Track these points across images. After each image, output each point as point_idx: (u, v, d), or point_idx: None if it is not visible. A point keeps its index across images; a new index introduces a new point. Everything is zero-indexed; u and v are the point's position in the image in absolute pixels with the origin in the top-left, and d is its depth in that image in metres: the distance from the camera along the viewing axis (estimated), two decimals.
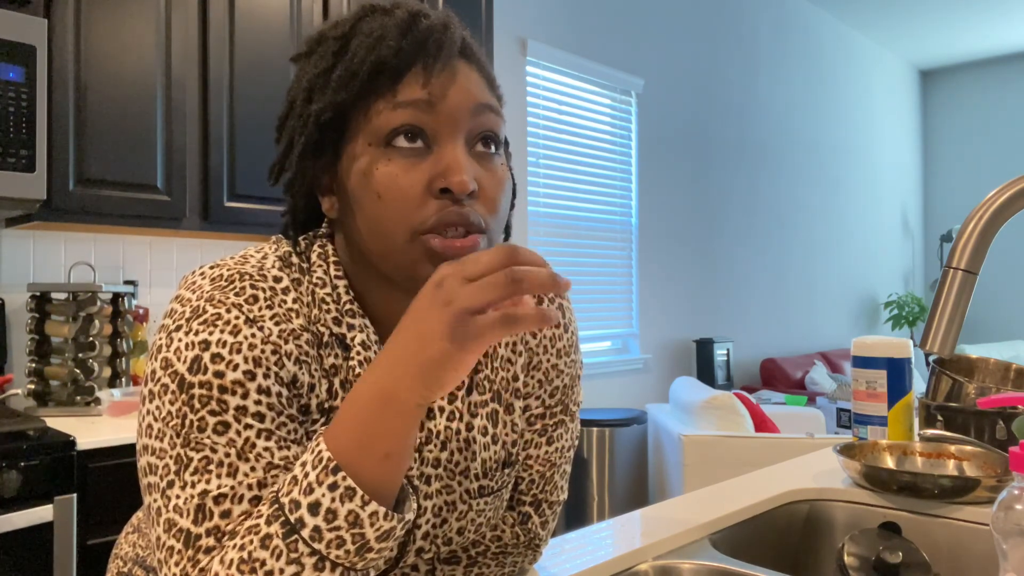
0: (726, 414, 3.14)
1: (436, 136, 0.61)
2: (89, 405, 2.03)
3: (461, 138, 0.61)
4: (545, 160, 3.81)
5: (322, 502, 0.52)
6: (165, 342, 0.61)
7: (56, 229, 2.20)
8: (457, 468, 0.71)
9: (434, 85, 0.61)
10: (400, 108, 0.60)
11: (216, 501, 0.56)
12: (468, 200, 0.60)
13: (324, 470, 0.53)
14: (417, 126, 0.60)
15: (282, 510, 0.53)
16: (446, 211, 0.59)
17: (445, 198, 0.60)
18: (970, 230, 0.80)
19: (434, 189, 0.60)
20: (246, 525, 0.55)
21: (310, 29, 2.45)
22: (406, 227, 0.60)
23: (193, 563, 0.55)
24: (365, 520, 0.53)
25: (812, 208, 6.01)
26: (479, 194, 0.61)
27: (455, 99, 0.61)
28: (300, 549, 0.52)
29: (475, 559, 0.77)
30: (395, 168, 0.60)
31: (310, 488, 0.53)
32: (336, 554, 0.52)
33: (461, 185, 0.59)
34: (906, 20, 6.36)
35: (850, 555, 0.96)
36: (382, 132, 0.61)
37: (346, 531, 0.52)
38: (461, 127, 0.61)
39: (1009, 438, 1.19)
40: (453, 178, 0.59)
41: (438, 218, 0.59)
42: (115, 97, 2.05)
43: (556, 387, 0.78)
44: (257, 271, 0.64)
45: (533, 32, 3.73)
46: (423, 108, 0.60)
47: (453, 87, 0.61)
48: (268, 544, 0.52)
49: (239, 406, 0.59)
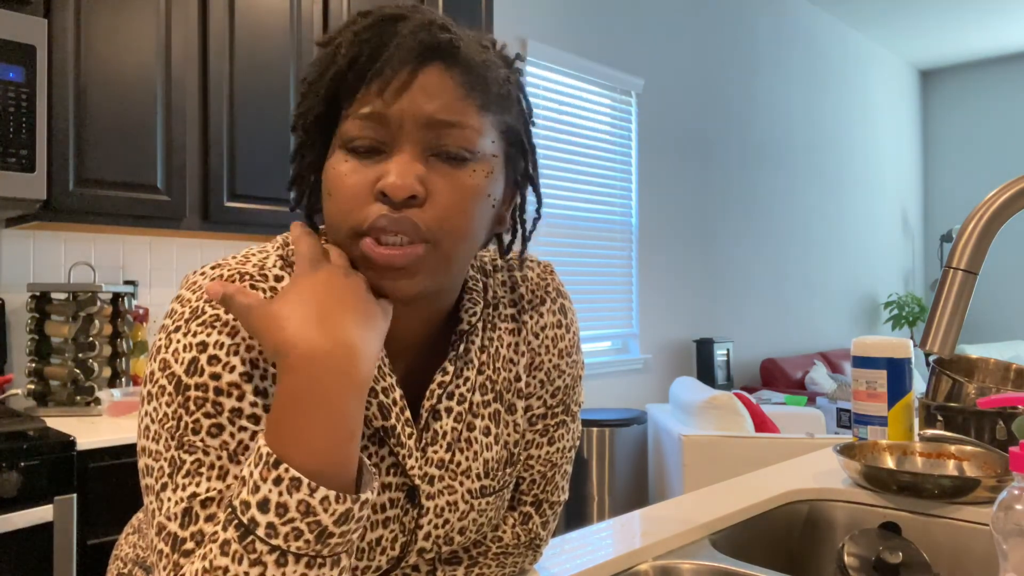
0: (726, 414, 3.14)
1: (389, 144, 0.61)
2: (89, 405, 2.03)
3: (415, 146, 0.61)
4: (545, 160, 3.81)
5: (270, 497, 0.52)
6: (164, 343, 0.61)
7: (56, 229, 2.20)
8: (459, 468, 0.71)
9: (387, 97, 0.60)
10: (355, 119, 0.61)
11: (203, 504, 0.56)
12: (411, 206, 0.60)
13: (265, 466, 0.53)
14: (374, 136, 0.61)
15: (235, 513, 0.53)
16: (379, 216, 0.60)
17: (385, 202, 0.60)
18: (970, 230, 0.80)
19: (376, 192, 0.60)
20: (208, 532, 0.55)
21: (310, 29, 2.45)
22: (348, 226, 0.61)
23: (176, 568, 0.55)
24: (317, 507, 0.53)
25: (812, 208, 6.01)
26: (429, 201, 0.60)
27: (405, 111, 0.60)
28: (258, 548, 0.52)
29: (476, 559, 0.77)
30: (346, 169, 0.61)
31: (256, 487, 0.53)
32: (296, 545, 0.53)
33: (394, 189, 0.59)
34: (906, 20, 6.36)
35: (850, 555, 0.96)
36: (344, 137, 0.62)
37: (300, 521, 0.52)
38: (413, 137, 0.61)
39: (1009, 438, 1.19)
40: (388, 182, 0.59)
41: (372, 223, 0.60)
42: (115, 97, 2.05)
43: (558, 387, 0.78)
44: (258, 271, 0.64)
45: (533, 32, 3.73)
46: (375, 119, 0.60)
47: (405, 98, 0.60)
48: (227, 550, 0.52)
49: (234, 408, 0.59)
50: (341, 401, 0.55)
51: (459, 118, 0.61)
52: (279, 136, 2.38)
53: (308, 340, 0.55)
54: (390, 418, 0.66)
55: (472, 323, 0.72)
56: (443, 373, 0.70)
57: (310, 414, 0.54)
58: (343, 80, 0.62)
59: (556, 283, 0.79)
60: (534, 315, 0.77)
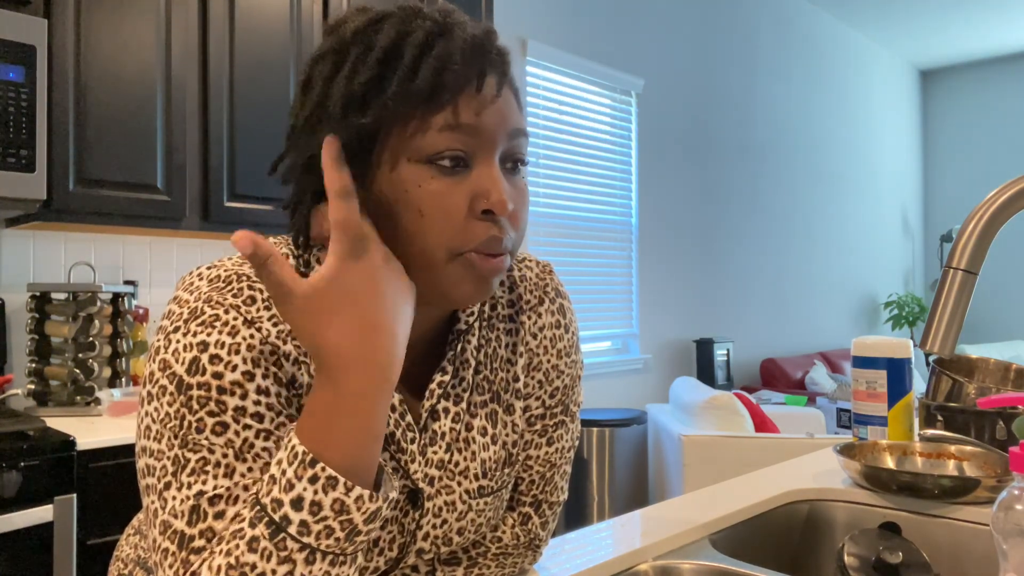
0: (726, 414, 3.14)
1: (475, 157, 0.61)
2: (89, 405, 2.03)
3: (496, 159, 0.62)
4: (545, 160, 3.81)
5: (304, 496, 0.53)
6: (163, 344, 0.61)
7: (56, 229, 2.20)
8: (457, 468, 0.71)
9: (482, 109, 0.61)
10: (448, 130, 0.59)
11: (211, 502, 0.56)
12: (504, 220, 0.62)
13: (301, 464, 0.53)
14: (463, 148, 0.60)
15: (264, 511, 0.53)
16: (490, 236, 0.60)
17: (487, 219, 0.60)
18: (970, 230, 0.80)
19: (476, 210, 0.60)
20: (231, 529, 0.55)
21: (310, 29, 2.45)
22: (446, 247, 0.60)
23: (185, 565, 0.55)
24: (351, 505, 0.54)
25: (812, 208, 6.01)
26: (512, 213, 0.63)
27: (497, 124, 0.61)
28: (289, 546, 0.53)
29: (475, 560, 0.77)
30: (439, 187, 0.60)
31: (289, 484, 0.53)
32: (326, 544, 0.53)
33: (503, 206, 0.60)
34: (906, 20, 6.36)
35: (850, 555, 0.96)
36: (426, 151, 0.59)
37: (334, 519, 0.53)
38: (497, 149, 0.62)
39: (1009, 438, 1.19)
40: (496, 199, 0.60)
41: (483, 243, 0.60)
42: (115, 97, 2.05)
43: (556, 388, 0.78)
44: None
45: (533, 32, 3.73)
46: (469, 132, 0.60)
47: (496, 112, 0.61)
48: (256, 547, 0.53)
49: (238, 407, 0.59)
50: (377, 404, 0.56)
51: (525, 127, 0.65)
52: (279, 136, 2.37)
53: (351, 348, 0.55)
54: (388, 424, 0.66)
55: (469, 323, 0.72)
56: (442, 373, 0.70)
57: (348, 416, 0.55)
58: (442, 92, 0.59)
59: (555, 283, 0.79)
60: (532, 315, 0.77)
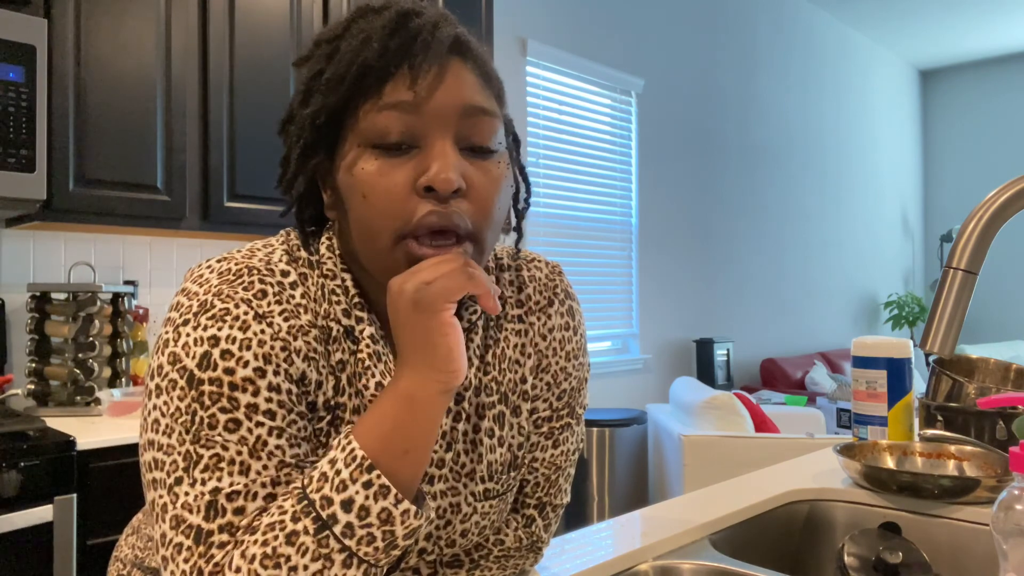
0: (726, 414, 3.14)
1: (423, 137, 0.60)
2: (89, 405, 2.03)
3: (449, 138, 0.60)
4: (545, 160, 3.81)
5: (355, 499, 0.53)
6: (172, 336, 0.60)
7: (56, 229, 2.20)
8: (463, 470, 0.71)
9: (420, 86, 0.59)
10: (385, 110, 0.59)
11: (229, 498, 0.56)
12: (455, 199, 0.59)
13: (359, 468, 0.54)
14: (403, 127, 0.59)
15: (312, 506, 0.53)
16: (429, 214, 0.58)
17: (429, 197, 0.58)
18: (970, 230, 0.80)
19: (419, 188, 0.59)
20: (266, 521, 0.55)
21: (310, 29, 2.45)
22: (390, 228, 0.59)
23: (206, 559, 0.55)
24: (397, 518, 0.54)
25: (812, 208, 6.01)
26: (468, 193, 0.60)
27: (442, 100, 0.60)
28: (331, 545, 0.53)
29: (477, 562, 0.77)
30: (379, 167, 0.59)
31: (343, 485, 0.53)
32: (365, 551, 0.53)
33: (445, 183, 0.57)
34: (906, 20, 6.36)
35: (850, 555, 0.96)
36: (369, 133, 0.60)
37: (377, 528, 0.53)
38: (449, 128, 0.60)
39: (1009, 438, 1.19)
40: (436, 175, 0.58)
41: (420, 221, 0.58)
42: (115, 97, 2.05)
43: (564, 390, 0.78)
44: (265, 265, 0.64)
45: (533, 32, 3.73)
46: (408, 109, 0.59)
47: (441, 88, 0.60)
48: (295, 540, 0.53)
49: (250, 403, 0.58)
50: (438, 425, 0.58)
51: (489, 105, 0.62)
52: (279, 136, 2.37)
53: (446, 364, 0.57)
54: None
55: (472, 321, 0.71)
56: None
57: (418, 432, 0.56)
58: (368, 73, 0.60)
59: (564, 284, 0.79)
60: (542, 316, 0.76)
